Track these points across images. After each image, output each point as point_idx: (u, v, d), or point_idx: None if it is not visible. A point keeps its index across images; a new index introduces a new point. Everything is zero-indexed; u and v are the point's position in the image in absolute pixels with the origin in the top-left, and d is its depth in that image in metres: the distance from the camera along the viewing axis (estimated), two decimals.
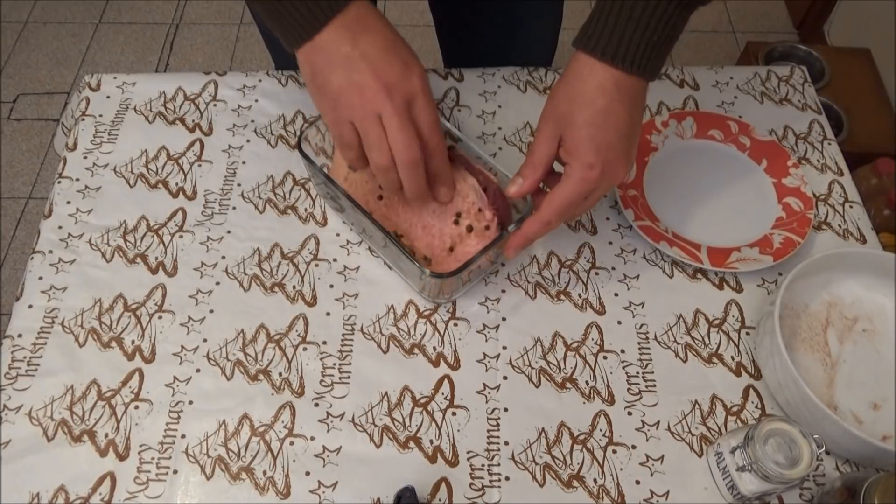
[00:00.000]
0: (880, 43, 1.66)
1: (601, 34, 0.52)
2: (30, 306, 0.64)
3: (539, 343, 0.64)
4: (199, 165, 0.74)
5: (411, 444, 0.58)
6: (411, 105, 0.53)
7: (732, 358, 0.63)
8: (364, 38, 0.52)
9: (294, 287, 0.66)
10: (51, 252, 0.68)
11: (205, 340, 0.63)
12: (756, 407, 0.61)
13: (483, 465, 0.58)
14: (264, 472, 0.57)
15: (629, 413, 0.60)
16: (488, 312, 0.65)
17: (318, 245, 0.69)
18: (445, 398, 0.61)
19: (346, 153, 0.56)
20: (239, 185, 0.73)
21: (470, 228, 0.60)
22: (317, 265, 0.68)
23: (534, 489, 0.57)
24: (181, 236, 0.69)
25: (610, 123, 0.53)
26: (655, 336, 0.64)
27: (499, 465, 0.58)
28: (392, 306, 0.65)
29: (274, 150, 0.76)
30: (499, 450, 0.58)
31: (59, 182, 0.73)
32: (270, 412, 0.59)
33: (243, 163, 0.75)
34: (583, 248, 0.69)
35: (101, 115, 0.78)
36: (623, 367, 0.62)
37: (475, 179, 0.62)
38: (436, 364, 0.62)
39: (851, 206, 0.73)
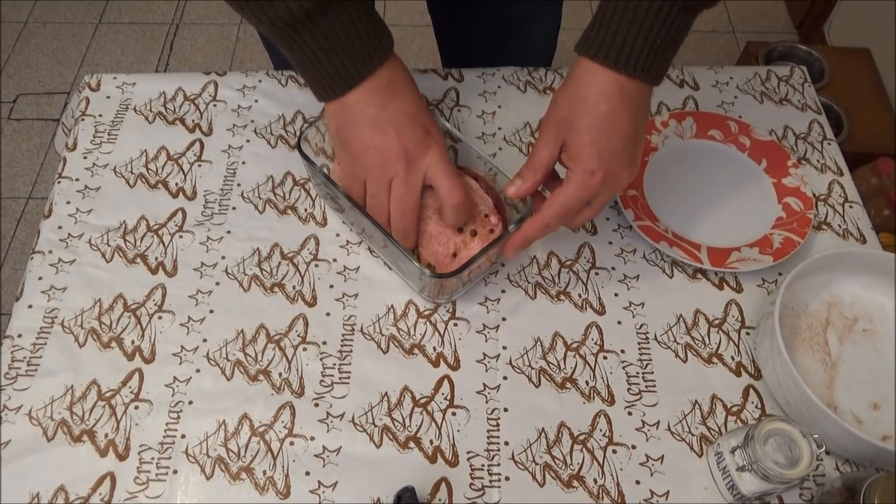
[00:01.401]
0: (880, 43, 1.66)
1: (603, 38, 0.52)
2: (30, 306, 0.64)
3: (539, 343, 0.64)
4: (199, 165, 0.74)
5: (411, 444, 0.58)
6: (427, 172, 0.57)
7: (732, 358, 0.63)
8: (392, 104, 0.55)
9: (294, 287, 0.66)
10: (51, 252, 0.68)
11: (205, 340, 0.63)
12: (756, 407, 0.61)
13: (483, 465, 0.58)
14: (264, 472, 0.57)
15: (629, 413, 0.60)
16: (488, 312, 0.65)
17: (318, 245, 0.69)
18: (445, 398, 0.61)
19: (358, 207, 0.60)
20: (239, 185, 0.73)
21: (474, 233, 0.61)
22: (317, 265, 0.68)
23: (534, 489, 0.57)
24: (181, 236, 0.69)
25: (613, 129, 0.53)
26: (655, 336, 0.64)
27: (499, 465, 0.58)
28: (392, 306, 0.65)
29: (274, 150, 0.76)
30: (499, 450, 0.58)
31: (59, 182, 0.73)
32: (270, 412, 0.60)
33: (243, 163, 0.75)
34: (583, 249, 0.69)
35: (101, 115, 0.78)
36: (623, 367, 0.62)
37: (479, 184, 0.62)
38: (436, 364, 0.62)
39: (851, 206, 0.73)
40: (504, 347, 0.63)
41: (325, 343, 0.63)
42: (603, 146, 0.53)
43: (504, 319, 0.65)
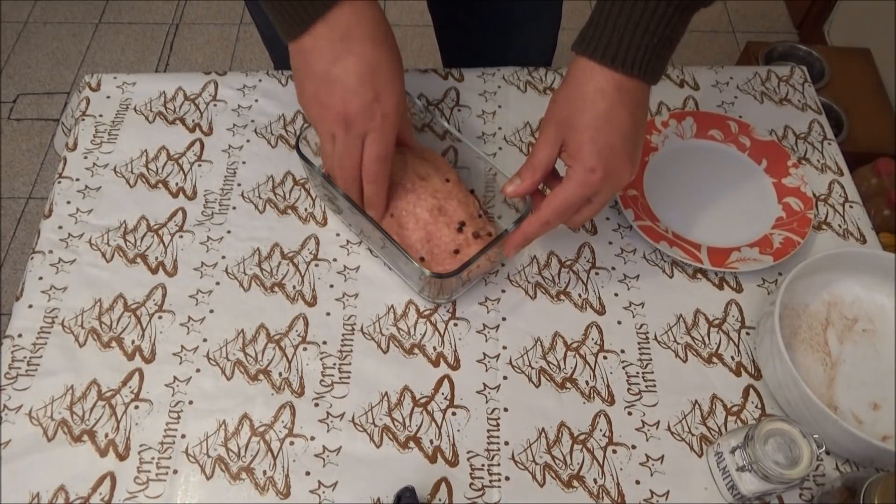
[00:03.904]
0: (880, 43, 1.66)
1: (600, 37, 0.52)
2: (30, 306, 0.64)
3: (539, 343, 0.64)
4: (199, 165, 0.74)
5: (411, 444, 0.58)
6: (366, 136, 0.56)
7: (732, 358, 0.63)
8: (343, 61, 0.54)
9: (294, 287, 0.66)
10: (51, 252, 0.68)
11: (205, 340, 0.63)
12: (756, 407, 0.61)
13: (483, 465, 0.58)
14: (264, 472, 0.57)
15: (629, 413, 0.60)
16: (488, 312, 0.65)
17: (318, 245, 0.69)
18: (445, 398, 0.61)
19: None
20: (239, 185, 0.73)
21: (476, 235, 0.61)
22: (317, 265, 0.68)
23: (534, 489, 0.57)
24: (181, 236, 0.69)
25: (611, 126, 0.53)
26: (655, 336, 0.64)
27: (499, 465, 0.58)
28: (392, 306, 0.65)
29: (274, 150, 0.76)
30: (499, 450, 0.58)
31: (59, 182, 0.73)
32: (270, 412, 0.60)
33: (243, 163, 0.75)
34: (583, 248, 0.69)
35: (101, 115, 0.78)
36: (623, 367, 0.62)
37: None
38: (436, 364, 0.62)
39: (851, 206, 0.73)
40: (504, 347, 0.63)
41: (325, 343, 0.63)
42: (602, 144, 0.53)
43: (504, 319, 0.65)
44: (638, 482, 0.57)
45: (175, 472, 0.57)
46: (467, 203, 0.64)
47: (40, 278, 0.66)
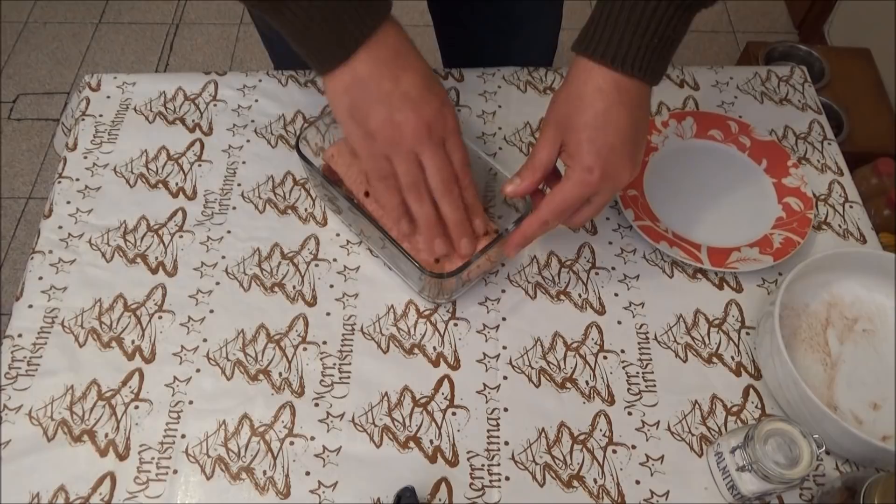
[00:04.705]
0: (880, 43, 1.66)
1: (600, 37, 0.52)
2: (30, 306, 0.64)
3: (539, 343, 0.64)
4: (199, 165, 0.74)
5: (411, 444, 0.58)
6: (445, 143, 0.55)
7: (732, 358, 0.63)
8: (405, 77, 0.54)
9: (294, 287, 0.66)
10: (51, 252, 0.68)
11: (205, 340, 0.63)
12: (756, 407, 0.61)
13: (483, 465, 0.58)
14: (264, 472, 0.57)
15: (629, 413, 0.60)
16: (488, 312, 0.65)
17: (318, 245, 0.69)
18: (445, 398, 0.61)
19: (380, 184, 0.56)
20: (239, 185, 0.73)
21: (485, 232, 0.61)
22: (317, 265, 0.68)
23: (534, 489, 0.57)
24: (181, 236, 0.69)
25: (610, 126, 0.53)
26: (655, 336, 0.64)
27: (499, 465, 0.58)
28: (392, 306, 0.65)
29: (274, 150, 0.76)
30: (499, 450, 0.58)
31: (59, 182, 0.73)
32: (270, 412, 0.60)
33: (243, 163, 0.75)
34: (583, 248, 0.69)
35: (101, 115, 0.78)
36: (623, 367, 0.62)
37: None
38: (436, 364, 0.62)
39: (851, 206, 0.73)
40: (504, 347, 0.63)
41: (325, 343, 0.63)
42: (601, 143, 0.53)
43: (504, 319, 0.65)
44: (638, 482, 0.57)
45: (175, 472, 0.57)
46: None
47: (40, 278, 0.66)
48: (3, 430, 0.58)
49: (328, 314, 0.65)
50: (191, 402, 0.60)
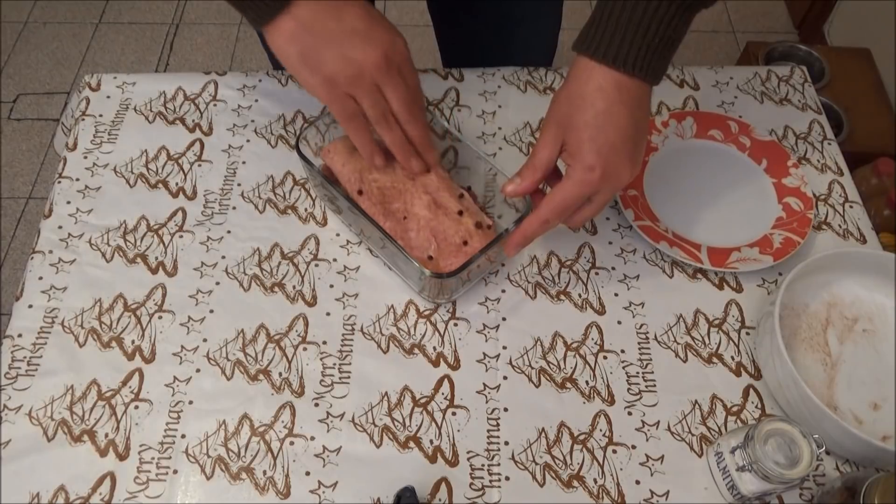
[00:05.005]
0: (880, 43, 1.66)
1: (601, 37, 0.52)
2: (30, 306, 0.64)
3: (539, 343, 0.64)
4: (199, 165, 0.74)
5: (411, 444, 0.58)
6: (400, 70, 0.56)
7: (732, 358, 0.63)
8: (347, 12, 0.53)
9: (294, 287, 0.66)
10: (51, 252, 0.68)
11: (205, 340, 0.63)
12: (756, 407, 0.61)
13: (483, 465, 0.58)
14: (264, 472, 0.57)
15: (629, 413, 0.60)
16: (488, 312, 0.65)
17: (318, 245, 0.69)
18: (445, 398, 0.61)
19: (349, 124, 0.57)
20: (239, 185, 0.73)
21: (478, 225, 0.61)
22: (317, 265, 0.68)
23: (534, 489, 0.57)
24: (181, 236, 0.69)
25: (610, 125, 0.53)
26: (655, 336, 0.64)
27: (499, 465, 0.58)
28: (392, 306, 0.65)
29: (274, 150, 0.76)
30: (499, 450, 0.58)
31: (59, 182, 0.73)
32: (270, 412, 0.60)
33: (243, 163, 0.75)
34: (583, 248, 0.69)
35: (101, 115, 0.78)
36: (623, 367, 0.62)
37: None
38: (436, 364, 0.62)
39: (851, 206, 0.73)
40: (504, 347, 0.63)
41: (325, 343, 0.63)
42: (601, 142, 0.53)
43: (504, 319, 0.65)
44: (638, 482, 0.57)
45: (175, 472, 0.57)
46: (450, 186, 0.63)
47: (40, 278, 0.66)
48: (3, 430, 0.58)
49: (328, 314, 0.65)
50: (191, 402, 0.60)
